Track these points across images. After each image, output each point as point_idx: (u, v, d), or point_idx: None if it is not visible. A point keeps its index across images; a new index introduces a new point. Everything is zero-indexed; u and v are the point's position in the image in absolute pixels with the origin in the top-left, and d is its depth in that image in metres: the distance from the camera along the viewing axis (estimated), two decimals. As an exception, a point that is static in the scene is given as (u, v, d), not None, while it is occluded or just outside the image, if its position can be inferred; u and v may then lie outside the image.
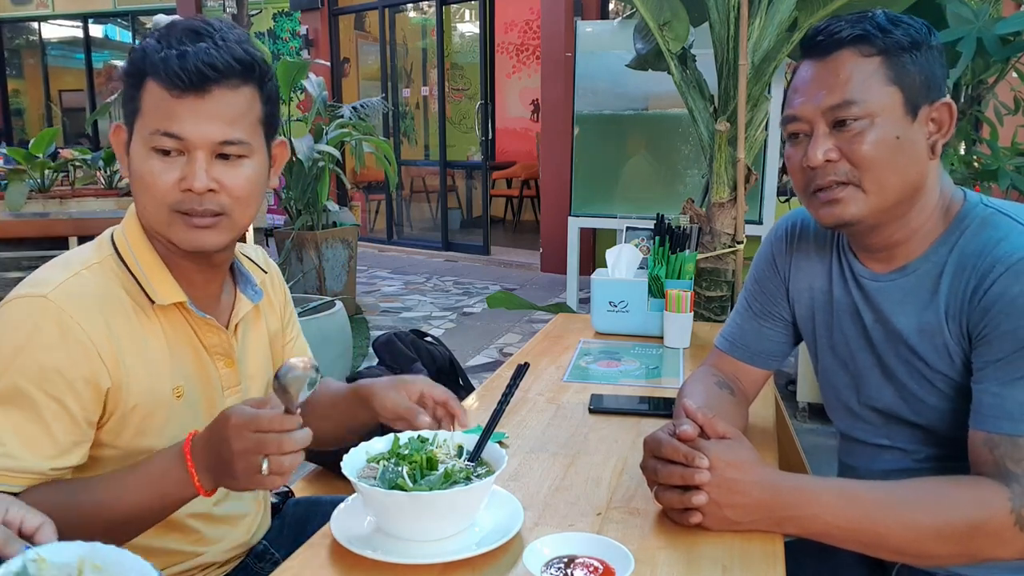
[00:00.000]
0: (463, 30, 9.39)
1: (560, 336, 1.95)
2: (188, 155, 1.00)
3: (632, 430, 1.35)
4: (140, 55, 1.00)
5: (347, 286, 5.37)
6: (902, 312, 1.11)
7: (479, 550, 0.93)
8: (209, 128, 0.99)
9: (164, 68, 0.97)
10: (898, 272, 1.12)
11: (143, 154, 1.01)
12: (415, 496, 0.93)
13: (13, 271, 3.81)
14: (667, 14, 2.43)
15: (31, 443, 0.94)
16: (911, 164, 1.07)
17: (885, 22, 1.07)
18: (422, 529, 0.96)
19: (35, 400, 0.94)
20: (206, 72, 0.97)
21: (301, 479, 1.82)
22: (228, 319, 1.16)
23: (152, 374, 1.04)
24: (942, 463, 1.13)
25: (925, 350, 1.10)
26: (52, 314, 0.96)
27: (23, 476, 0.94)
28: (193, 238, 1.03)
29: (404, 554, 0.92)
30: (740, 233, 2.43)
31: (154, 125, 0.99)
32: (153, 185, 1.01)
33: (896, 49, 1.05)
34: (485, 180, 8.19)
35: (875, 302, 1.15)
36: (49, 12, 11.60)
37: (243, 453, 0.88)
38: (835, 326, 1.21)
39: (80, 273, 1.02)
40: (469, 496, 0.96)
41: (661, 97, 4.72)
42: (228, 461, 0.89)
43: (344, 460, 0.99)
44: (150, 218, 1.04)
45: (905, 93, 1.05)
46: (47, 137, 4.59)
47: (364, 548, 0.93)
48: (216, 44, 0.99)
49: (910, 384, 1.12)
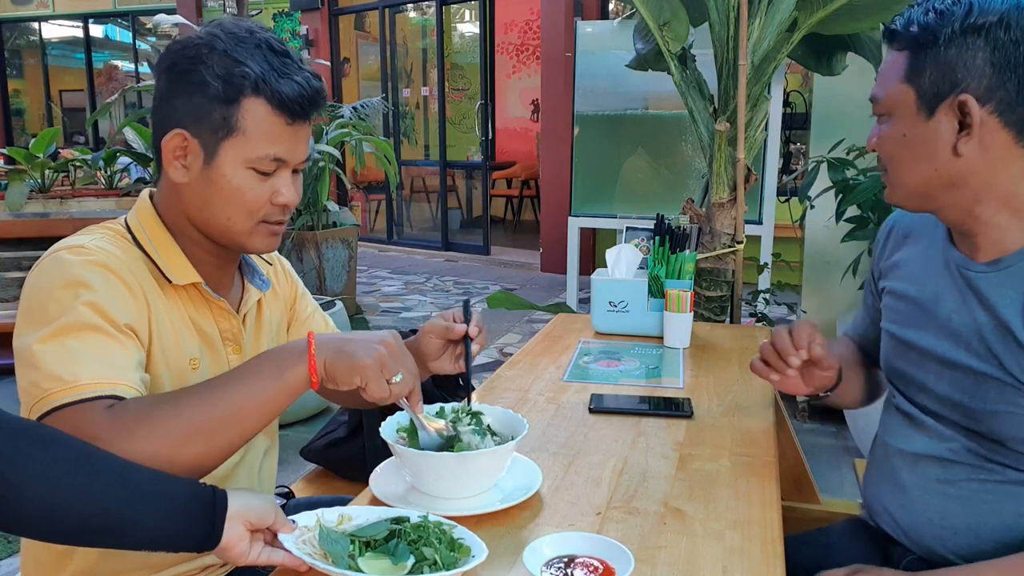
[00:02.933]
0: (463, 30, 9.39)
1: (560, 336, 1.95)
2: (277, 172, 1.07)
3: (632, 430, 1.35)
4: (240, 74, 1.01)
5: (347, 286, 5.37)
6: (1001, 304, 1.06)
7: (503, 505, 1.05)
8: (303, 150, 1.09)
9: (283, 96, 1.02)
10: (990, 265, 1.08)
11: (240, 171, 1.05)
12: (445, 457, 1.05)
13: (13, 271, 3.81)
14: (667, 14, 2.43)
15: (113, 356, 0.95)
16: (922, 162, 1.05)
17: (919, 15, 1.04)
18: (450, 487, 1.07)
19: (98, 324, 0.95)
20: (318, 102, 1.06)
21: (301, 479, 1.82)
22: (237, 307, 1.19)
23: (175, 335, 1.07)
24: (977, 458, 1.10)
25: (1003, 348, 1.05)
26: (94, 258, 1.00)
27: (123, 384, 0.94)
28: (271, 243, 1.11)
29: (436, 509, 1.01)
30: (740, 233, 2.44)
31: (263, 150, 1.04)
32: (252, 200, 1.06)
33: (916, 46, 1.03)
34: (485, 180, 8.19)
35: (976, 289, 1.09)
36: (49, 12, 11.60)
37: (392, 352, 0.97)
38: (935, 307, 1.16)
39: (104, 236, 1.06)
40: (494, 457, 1.08)
41: (661, 97, 4.71)
42: (371, 349, 0.95)
43: (382, 427, 1.12)
44: (232, 227, 1.07)
45: (919, 91, 1.03)
46: (47, 137, 4.59)
47: (399, 503, 1.05)
48: (308, 71, 1.06)
49: (975, 376, 1.08)
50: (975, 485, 1.08)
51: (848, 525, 1.32)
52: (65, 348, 0.92)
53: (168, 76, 1.05)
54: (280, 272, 1.32)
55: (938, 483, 1.12)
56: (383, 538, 0.91)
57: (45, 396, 0.90)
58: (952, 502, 1.10)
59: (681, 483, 1.15)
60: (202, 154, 1.04)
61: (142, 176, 5.14)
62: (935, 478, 1.12)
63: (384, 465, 1.16)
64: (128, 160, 4.99)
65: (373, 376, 0.95)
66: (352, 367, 0.95)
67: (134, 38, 11.32)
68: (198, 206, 1.07)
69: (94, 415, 0.89)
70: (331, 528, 0.93)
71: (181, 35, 1.12)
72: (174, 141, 1.05)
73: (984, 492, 1.07)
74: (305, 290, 1.38)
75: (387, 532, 0.92)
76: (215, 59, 1.02)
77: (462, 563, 0.88)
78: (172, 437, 0.90)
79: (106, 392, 0.91)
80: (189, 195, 1.07)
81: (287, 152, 1.06)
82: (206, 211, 1.07)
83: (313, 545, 0.90)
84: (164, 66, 1.05)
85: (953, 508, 1.10)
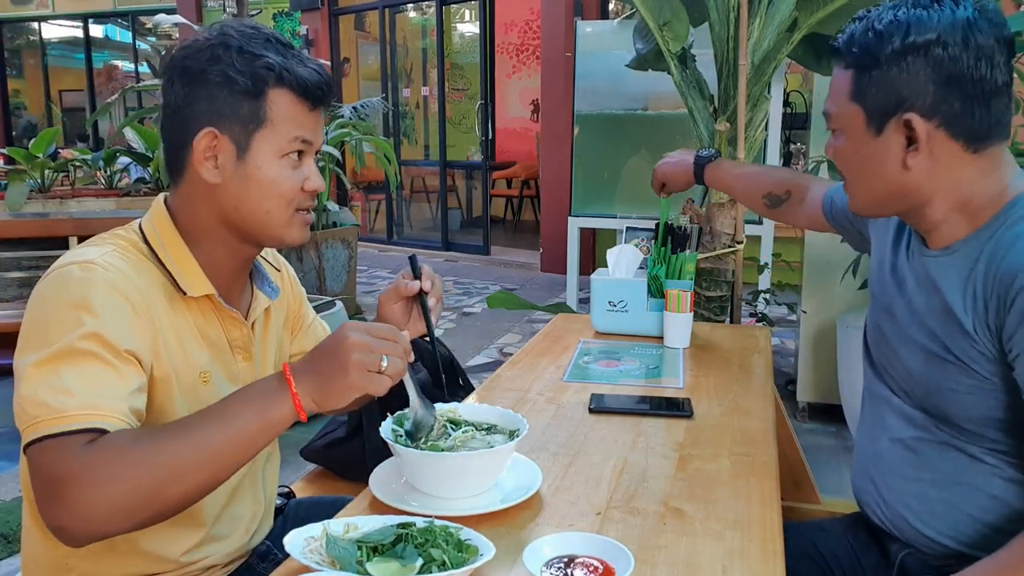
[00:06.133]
0: (463, 30, 9.39)
1: (560, 336, 1.95)
2: (302, 159, 1.10)
3: (632, 430, 1.35)
4: (263, 66, 1.03)
5: (347, 286, 5.37)
6: (947, 288, 1.09)
7: (503, 505, 1.05)
8: (321, 135, 1.13)
9: (305, 83, 1.06)
10: (942, 251, 1.12)
11: (273, 161, 1.07)
12: (445, 457, 1.06)
13: (13, 271, 3.82)
14: (667, 14, 2.43)
15: (105, 385, 0.94)
16: (874, 177, 1.11)
17: (860, 34, 1.07)
18: (451, 487, 1.07)
19: (95, 351, 0.94)
20: (332, 87, 1.10)
21: (301, 479, 1.82)
22: (247, 315, 1.18)
23: (183, 352, 1.07)
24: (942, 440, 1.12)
25: (945, 330, 1.09)
26: (102, 276, 0.99)
27: (109, 416, 0.92)
28: (304, 233, 1.13)
29: (436, 509, 1.02)
30: (740, 233, 2.43)
31: (293, 132, 1.07)
32: (288, 189, 1.08)
33: (859, 65, 1.07)
34: (485, 180, 8.19)
35: (928, 273, 1.13)
36: (49, 12, 11.60)
37: (362, 347, 0.93)
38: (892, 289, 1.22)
39: (117, 248, 1.05)
40: (494, 457, 1.08)
41: (661, 97, 4.71)
42: (343, 361, 0.92)
43: (382, 427, 1.12)
44: (272, 220, 1.09)
45: (867, 109, 1.08)
46: (47, 137, 4.60)
47: (400, 503, 1.05)
48: (315, 60, 1.10)
49: (930, 359, 1.11)
50: (947, 467, 1.11)
51: (847, 521, 1.33)
52: (57, 375, 0.91)
53: (184, 81, 1.04)
54: (287, 279, 1.32)
55: (913, 468, 1.15)
56: (390, 542, 0.91)
57: (32, 423, 0.90)
58: (927, 487, 1.13)
59: (681, 483, 1.15)
60: (234, 150, 1.05)
61: (142, 176, 5.14)
62: (910, 464, 1.15)
63: (384, 465, 1.16)
64: (128, 160, 4.99)
65: (364, 383, 0.93)
66: (340, 388, 0.93)
67: (134, 38, 11.33)
68: (234, 205, 1.07)
69: (74, 452, 0.87)
70: (338, 536, 0.93)
71: (181, 36, 1.13)
72: (204, 141, 1.05)
73: (956, 473, 1.10)
74: (305, 296, 1.38)
75: (394, 536, 0.92)
76: (233, 56, 1.03)
77: (471, 562, 0.89)
78: (152, 477, 0.88)
79: (91, 424, 0.90)
80: (223, 195, 1.07)
81: (314, 135, 1.10)
82: (243, 208, 1.07)
83: (320, 553, 0.90)
84: (176, 73, 1.05)
85: (929, 492, 1.13)
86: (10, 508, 2.65)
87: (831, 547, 1.26)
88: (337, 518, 0.99)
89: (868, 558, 1.23)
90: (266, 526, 1.29)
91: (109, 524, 0.88)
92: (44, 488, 0.88)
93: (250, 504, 1.23)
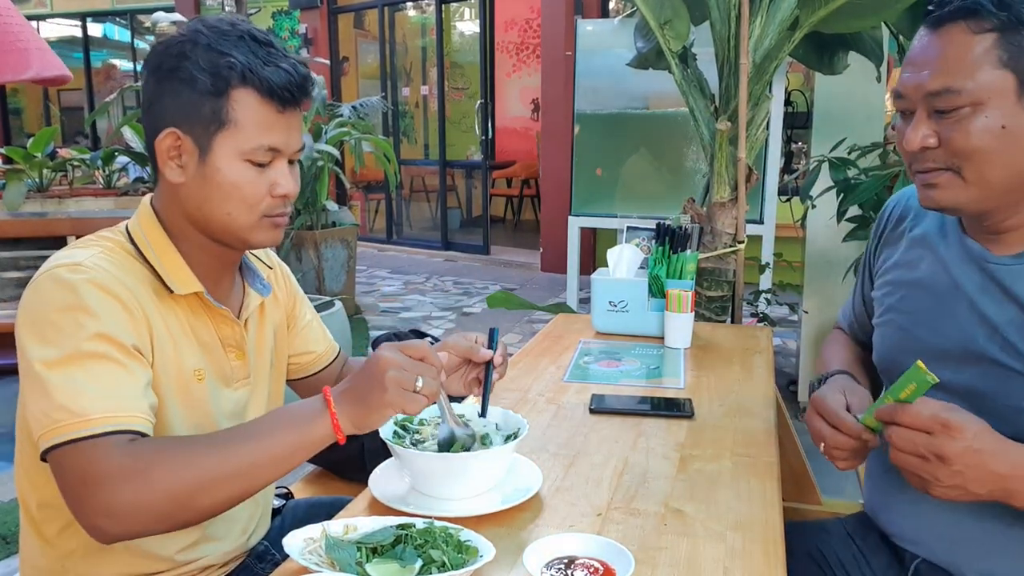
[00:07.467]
0: (463, 29, 9.39)
1: (560, 336, 1.94)
2: (273, 163, 1.06)
3: (633, 430, 1.34)
4: (226, 65, 1.00)
5: (346, 286, 5.36)
6: None
7: (503, 506, 1.04)
8: (296, 140, 1.08)
9: (271, 84, 1.01)
10: (1015, 258, 1.04)
11: (236, 165, 1.03)
12: (446, 457, 1.06)
13: (11, 271, 3.81)
14: (668, 13, 2.42)
15: (120, 386, 0.94)
16: (1021, 154, 0.98)
17: None
18: (451, 488, 1.07)
19: (104, 352, 0.94)
20: (306, 88, 1.05)
21: (301, 480, 1.81)
22: (239, 312, 1.18)
23: (175, 349, 1.06)
24: None
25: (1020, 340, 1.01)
26: (90, 277, 0.98)
27: (131, 416, 0.93)
28: (275, 236, 1.10)
29: (436, 510, 1.02)
30: (741, 233, 2.43)
31: (257, 140, 1.03)
32: (251, 194, 1.05)
33: (1014, 25, 0.94)
34: (485, 179, 8.18)
35: (999, 281, 1.05)
36: (47, 11, 11.57)
37: (397, 365, 0.94)
38: (942, 307, 1.12)
39: (103, 249, 1.04)
40: (494, 458, 1.08)
41: (662, 96, 4.71)
42: (379, 378, 0.94)
43: (382, 427, 1.08)
44: (234, 223, 1.06)
45: (1020, 76, 0.95)
46: (46, 136, 4.58)
47: (399, 504, 1.05)
48: (293, 58, 1.05)
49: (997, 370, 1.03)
50: None
51: (851, 521, 1.31)
52: (71, 379, 0.92)
53: (155, 77, 1.03)
54: (280, 277, 1.31)
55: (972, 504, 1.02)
56: (390, 543, 0.91)
57: (55, 427, 0.90)
58: (963, 512, 1.05)
59: (682, 484, 1.15)
60: (196, 151, 1.03)
61: (140, 176, 5.13)
62: None
63: (384, 466, 1.16)
64: (126, 160, 4.98)
65: (401, 402, 0.95)
66: (378, 406, 0.95)
67: (132, 37, 11.31)
68: (197, 205, 1.06)
69: (108, 452, 0.89)
70: (337, 537, 0.92)
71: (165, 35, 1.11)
72: (167, 141, 1.03)
73: None
74: (303, 295, 1.37)
75: (394, 537, 0.92)
76: (199, 53, 1.00)
77: (471, 563, 0.88)
78: (187, 485, 0.90)
79: (117, 427, 0.91)
80: (187, 195, 1.06)
81: (281, 141, 1.05)
82: (206, 209, 1.06)
83: (320, 554, 0.90)
84: (150, 67, 1.04)
85: (964, 519, 1.06)
86: (9, 509, 2.65)
87: (834, 548, 1.25)
88: (336, 519, 0.99)
89: (877, 560, 1.20)
90: (263, 527, 1.28)
91: (142, 525, 0.91)
92: (77, 488, 0.90)
93: (246, 505, 1.22)
